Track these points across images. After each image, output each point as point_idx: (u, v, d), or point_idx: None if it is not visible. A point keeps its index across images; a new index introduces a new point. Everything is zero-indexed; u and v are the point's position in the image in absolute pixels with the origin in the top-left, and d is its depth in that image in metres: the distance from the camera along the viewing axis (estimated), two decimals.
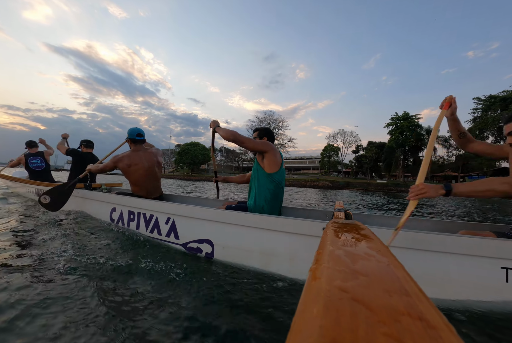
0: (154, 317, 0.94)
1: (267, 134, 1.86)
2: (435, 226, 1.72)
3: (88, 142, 3.38)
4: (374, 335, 0.18)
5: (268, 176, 1.67)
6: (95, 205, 2.50)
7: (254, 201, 1.73)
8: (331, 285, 0.26)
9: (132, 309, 0.99)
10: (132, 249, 1.68)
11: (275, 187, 1.68)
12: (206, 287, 1.20)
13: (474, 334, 0.91)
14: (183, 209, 1.74)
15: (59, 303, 1.01)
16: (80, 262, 1.42)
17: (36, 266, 1.35)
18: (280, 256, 1.36)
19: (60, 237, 1.90)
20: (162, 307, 1.02)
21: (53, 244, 1.73)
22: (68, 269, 1.32)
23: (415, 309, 0.22)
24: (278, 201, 1.75)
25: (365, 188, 26.61)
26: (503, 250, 1.01)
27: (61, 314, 0.94)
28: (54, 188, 2.24)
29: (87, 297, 1.06)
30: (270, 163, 1.66)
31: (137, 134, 2.31)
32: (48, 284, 1.15)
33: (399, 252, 1.12)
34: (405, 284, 0.27)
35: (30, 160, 3.84)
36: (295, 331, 0.19)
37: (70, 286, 1.15)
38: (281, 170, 1.70)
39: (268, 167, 1.67)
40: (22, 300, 1.01)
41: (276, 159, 1.67)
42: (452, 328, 0.20)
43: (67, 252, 1.56)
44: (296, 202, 7.40)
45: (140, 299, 1.07)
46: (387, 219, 1.88)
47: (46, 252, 1.55)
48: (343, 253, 0.38)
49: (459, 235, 1.09)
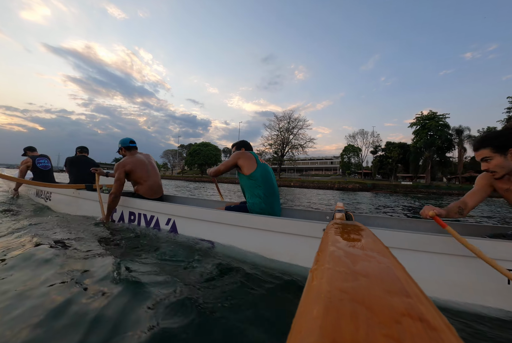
0: (152, 317, 0.94)
1: (243, 146, 2.09)
2: (437, 227, 1.71)
3: (82, 148, 3.53)
4: (374, 336, 0.18)
5: (249, 177, 1.81)
6: (96, 206, 2.51)
7: (249, 200, 1.83)
8: (332, 286, 0.26)
9: (131, 309, 0.99)
10: (132, 250, 1.68)
11: (260, 183, 1.79)
12: (206, 287, 1.19)
13: (475, 335, 0.91)
14: (183, 210, 1.74)
15: (58, 302, 1.01)
16: (80, 262, 1.42)
17: (37, 266, 1.35)
18: (280, 257, 1.36)
19: (60, 238, 1.90)
20: (160, 307, 1.01)
21: (53, 245, 1.73)
22: (68, 269, 1.32)
23: (416, 310, 0.22)
24: (274, 195, 1.84)
25: (394, 190, 25.23)
26: (506, 252, 1.00)
27: (61, 314, 0.94)
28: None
29: (86, 297, 1.06)
30: (244, 166, 1.82)
31: (130, 142, 2.43)
32: (48, 284, 1.15)
33: (400, 253, 1.12)
34: (406, 285, 0.27)
35: (37, 160, 3.95)
36: (295, 331, 0.19)
37: (70, 286, 1.15)
38: (259, 166, 1.82)
39: (245, 170, 1.82)
40: (24, 302, 1.01)
41: (248, 160, 1.83)
42: (453, 329, 0.20)
43: (67, 252, 1.56)
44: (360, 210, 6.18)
45: (138, 298, 1.06)
46: (388, 220, 1.88)
47: (47, 252, 1.55)
48: (344, 254, 0.38)
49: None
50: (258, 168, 1.81)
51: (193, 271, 1.36)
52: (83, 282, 1.19)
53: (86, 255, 1.56)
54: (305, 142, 39.23)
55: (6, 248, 1.62)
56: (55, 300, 1.02)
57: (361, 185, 26.78)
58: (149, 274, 1.33)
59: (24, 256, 1.47)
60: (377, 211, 6.14)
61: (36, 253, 1.54)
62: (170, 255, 1.58)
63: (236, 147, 2.12)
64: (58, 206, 3.18)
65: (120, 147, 2.43)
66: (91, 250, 1.66)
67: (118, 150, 2.47)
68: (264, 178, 1.81)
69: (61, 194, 3.15)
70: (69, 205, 2.97)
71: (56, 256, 1.51)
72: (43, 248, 1.64)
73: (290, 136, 39.72)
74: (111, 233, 2.05)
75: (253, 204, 1.78)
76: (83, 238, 1.94)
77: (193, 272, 1.35)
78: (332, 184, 27.82)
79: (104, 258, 1.50)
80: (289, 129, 39.66)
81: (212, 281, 1.27)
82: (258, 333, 0.88)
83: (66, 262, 1.44)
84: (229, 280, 1.28)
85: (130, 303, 1.04)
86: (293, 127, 39.55)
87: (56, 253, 1.56)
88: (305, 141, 39.18)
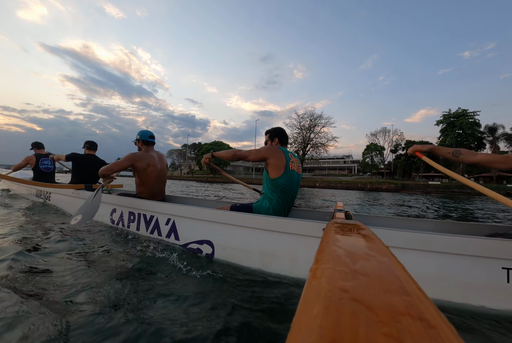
0: (150, 318, 0.94)
1: (277, 135, 1.86)
2: (437, 226, 1.71)
3: (91, 143, 3.26)
4: (374, 335, 0.18)
5: (272, 181, 1.67)
6: None
7: (261, 202, 1.73)
8: (331, 285, 0.26)
9: (128, 309, 0.99)
10: (131, 250, 1.68)
11: (280, 192, 1.67)
12: (205, 288, 1.20)
13: (474, 334, 0.91)
14: (183, 210, 1.74)
15: (60, 303, 1.01)
16: (79, 262, 1.42)
17: (38, 268, 1.35)
18: (280, 256, 1.36)
19: (61, 238, 1.90)
20: (159, 307, 1.01)
21: (54, 246, 1.73)
22: (68, 270, 1.32)
23: (416, 309, 0.22)
24: (287, 203, 1.72)
25: (425, 191, 23.70)
26: (504, 251, 1.01)
27: (62, 314, 0.94)
28: (82, 207, 1.97)
29: (86, 298, 1.06)
30: (272, 168, 1.67)
31: (149, 136, 2.32)
32: (48, 286, 1.15)
33: (400, 253, 1.12)
34: (406, 284, 0.27)
35: (41, 161, 3.89)
36: (295, 331, 0.19)
37: (70, 287, 1.15)
38: (286, 173, 1.65)
39: (272, 172, 1.67)
40: (25, 306, 1.01)
41: (278, 163, 1.65)
42: (452, 328, 0.20)
43: (67, 252, 1.56)
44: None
45: (137, 299, 1.06)
46: (388, 219, 1.88)
47: (47, 253, 1.55)
48: (344, 253, 0.38)
49: (460, 235, 1.08)
50: (284, 175, 1.65)
51: (193, 272, 1.36)
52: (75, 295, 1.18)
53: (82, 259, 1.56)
54: (327, 141, 36.67)
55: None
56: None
57: (395, 185, 25.33)
58: (148, 274, 1.33)
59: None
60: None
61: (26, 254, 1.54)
62: (171, 256, 1.58)
63: (269, 135, 1.88)
64: (57, 207, 3.18)
65: (138, 138, 2.32)
66: (92, 253, 1.66)
67: (135, 141, 2.37)
68: (285, 187, 1.66)
69: (60, 194, 3.15)
70: (68, 205, 2.97)
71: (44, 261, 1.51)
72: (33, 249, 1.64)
73: (311, 134, 37.52)
74: (113, 236, 2.05)
75: (260, 206, 1.71)
76: (82, 239, 1.94)
77: (192, 273, 1.35)
78: (362, 184, 26.07)
79: (102, 263, 1.50)
80: (311, 127, 37.49)
81: (211, 281, 1.27)
82: (258, 332, 0.88)
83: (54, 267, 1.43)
84: (229, 280, 1.28)
85: (125, 307, 1.04)
86: (315, 125, 37.12)
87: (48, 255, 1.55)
88: (327, 140, 36.62)
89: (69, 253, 1.58)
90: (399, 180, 35.98)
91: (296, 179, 1.74)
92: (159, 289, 1.16)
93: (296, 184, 1.75)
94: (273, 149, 1.71)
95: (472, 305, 1.03)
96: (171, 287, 1.19)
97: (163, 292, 1.13)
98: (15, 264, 1.35)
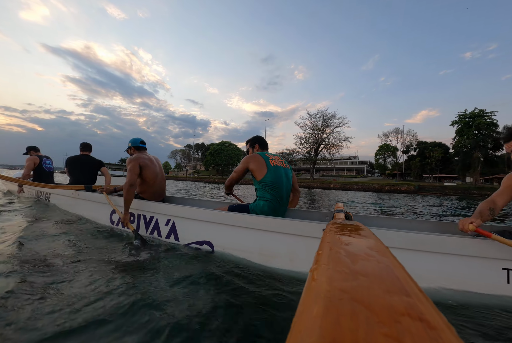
0: (151, 317, 0.94)
1: (257, 141, 2.01)
2: (436, 227, 1.71)
3: (84, 145, 3.34)
4: (374, 335, 0.18)
5: (260, 182, 1.76)
6: (95, 207, 2.50)
7: (256, 202, 1.78)
8: (331, 285, 0.26)
9: (128, 309, 0.99)
10: (131, 251, 1.67)
11: (271, 189, 1.73)
12: (205, 288, 1.19)
13: (474, 334, 0.91)
14: (183, 211, 1.74)
15: (61, 304, 1.00)
16: (80, 262, 1.42)
17: (38, 269, 1.35)
18: (280, 257, 1.36)
19: (61, 239, 1.90)
20: (159, 307, 1.01)
21: (54, 247, 1.73)
22: (64, 272, 1.31)
23: (415, 310, 0.22)
24: (281, 199, 1.76)
25: (442, 192, 22.66)
26: (504, 251, 1.01)
27: (61, 314, 0.94)
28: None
29: (86, 297, 1.06)
30: (255, 171, 1.77)
31: (140, 142, 2.42)
32: (50, 287, 1.15)
33: (400, 253, 1.12)
34: (405, 285, 0.27)
35: (44, 160, 3.97)
36: (295, 331, 0.19)
37: (69, 287, 1.15)
38: (269, 170, 1.75)
39: (257, 175, 1.77)
40: (30, 303, 1.01)
41: (258, 164, 1.76)
42: (452, 328, 0.20)
43: (67, 253, 1.56)
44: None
45: (137, 299, 1.06)
46: (387, 220, 1.88)
47: (47, 254, 1.55)
48: (344, 253, 0.38)
49: (460, 236, 1.08)
50: (268, 173, 1.74)
51: (193, 272, 1.36)
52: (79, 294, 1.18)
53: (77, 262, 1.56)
54: (339, 141, 35.82)
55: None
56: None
57: (413, 187, 23.94)
58: (148, 274, 1.33)
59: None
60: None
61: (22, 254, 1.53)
62: (171, 256, 1.58)
63: (250, 144, 2.03)
64: (57, 207, 3.18)
65: (129, 146, 2.42)
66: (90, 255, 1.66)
67: (127, 149, 2.46)
68: (274, 183, 1.74)
69: (60, 195, 3.15)
70: (68, 205, 2.97)
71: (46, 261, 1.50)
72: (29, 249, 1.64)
73: (323, 135, 36.89)
74: (113, 237, 2.04)
75: (256, 205, 1.75)
76: (82, 239, 1.93)
77: (192, 273, 1.35)
78: (379, 186, 25.01)
79: (102, 263, 1.50)
80: (323, 127, 36.76)
81: (211, 281, 1.27)
82: (258, 332, 0.88)
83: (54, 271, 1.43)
84: (229, 280, 1.28)
85: (125, 306, 1.04)
86: (327, 125, 36.50)
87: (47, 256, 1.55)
88: (340, 140, 35.80)
89: (67, 254, 1.58)
90: (413, 181, 35.10)
91: (284, 173, 1.82)
92: (159, 290, 1.16)
93: (285, 178, 1.81)
94: (248, 157, 1.83)
95: (472, 306, 1.03)
96: (171, 287, 1.19)
97: (163, 292, 1.13)
98: (12, 266, 1.35)
